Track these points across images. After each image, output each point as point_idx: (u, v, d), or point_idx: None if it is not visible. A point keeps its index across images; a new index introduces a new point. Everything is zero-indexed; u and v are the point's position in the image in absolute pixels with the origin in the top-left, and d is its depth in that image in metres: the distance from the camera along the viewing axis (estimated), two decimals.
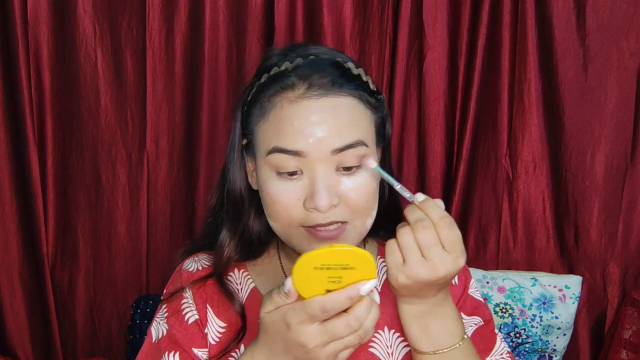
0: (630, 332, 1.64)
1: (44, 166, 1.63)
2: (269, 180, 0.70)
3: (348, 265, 0.55)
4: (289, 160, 0.68)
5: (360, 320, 0.57)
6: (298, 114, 0.68)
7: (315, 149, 0.67)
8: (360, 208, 0.70)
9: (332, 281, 0.56)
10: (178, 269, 0.83)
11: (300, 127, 0.67)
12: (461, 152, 1.68)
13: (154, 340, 0.78)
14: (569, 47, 1.65)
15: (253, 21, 1.64)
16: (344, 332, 0.57)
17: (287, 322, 0.57)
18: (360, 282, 0.56)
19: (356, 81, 0.72)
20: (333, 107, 0.69)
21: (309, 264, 0.55)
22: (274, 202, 0.70)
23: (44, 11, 1.57)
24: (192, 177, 1.70)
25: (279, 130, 0.69)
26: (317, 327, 0.57)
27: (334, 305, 0.56)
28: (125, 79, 1.64)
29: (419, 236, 0.62)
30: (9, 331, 1.66)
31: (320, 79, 0.69)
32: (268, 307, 0.59)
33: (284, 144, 0.68)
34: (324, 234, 0.69)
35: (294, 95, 0.69)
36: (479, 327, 0.82)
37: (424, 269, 0.62)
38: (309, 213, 0.69)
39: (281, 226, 0.72)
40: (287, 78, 0.70)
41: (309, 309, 0.56)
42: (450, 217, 0.63)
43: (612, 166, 1.70)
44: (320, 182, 0.67)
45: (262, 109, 0.71)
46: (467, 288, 0.85)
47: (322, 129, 0.67)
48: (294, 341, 0.57)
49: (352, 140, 0.68)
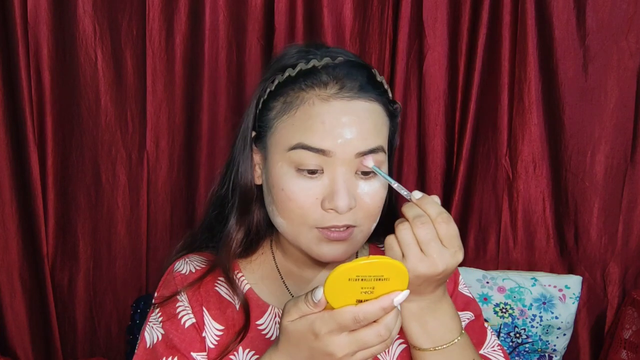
0: (630, 332, 1.64)
1: (44, 166, 1.63)
2: (285, 176, 0.70)
3: (383, 276, 0.55)
4: (312, 157, 0.68)
5: (390, 329, 0.57)
6: (330, 113, 0.68)
7: (342, 150, 0.67)
8: (372, 213, 0.71)
9: (364, 292, 0.56)
10: (169, 270, 0.81)
11: (330, 127, 0.67)
12: (461, 152, 1.68)
13: (149, 345, 0.76)
14: (569, 47, 1.66)
15: (253, 21, 1.64)
16: (374, 342, 0.57)
17: (315, 331, 0.57)
18: (394, 293, 0.56)
19: (380, 88, 0.73)
20: (362, 110, 0.69)
21: (345, 275, 0.55)
22: (289, 199, 0.70)
23: (44, 11, 1.56)
24: (192, 177, 1.70)
25: (306, 127, 0.68)
26: (346, 337, 0.57)
27: (367, 316, 0.56)
28: (126, 79, 1.64)
29: (418, 232, 0.62)
30: (9, 331, 1.66)
31: (352, 82, 0.69)
32: (293, 315, 0.58)
33: (311, 141, 0.68)
34: (336, 234, 0.69)
35: (326, 94, 0.69)
36: (470, 322, 0.83)
37: (424, 264, 0.62)
38: (325, 214, 0.69)
39: (292, 224, 0.71)
40: (319, 75, 0.70)
41: (341, 319, 0.56)
42: (448, 212, 0.64)
43: (612, 166, 1.71)
44: (342, 183, 0.68)
45: (286, 104, 0.71)
46: (457, 285, 0.86)
47: (351, 131, 0.68)
48: (322, 350, 0.57)
49: (375, 145, 0.69)
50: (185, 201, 1.71)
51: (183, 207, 1.71)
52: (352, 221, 0.70)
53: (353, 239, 0.72)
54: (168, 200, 1.70)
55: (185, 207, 1.71)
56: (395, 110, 0.75)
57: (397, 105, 0.76)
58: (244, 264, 0.82)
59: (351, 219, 0.69)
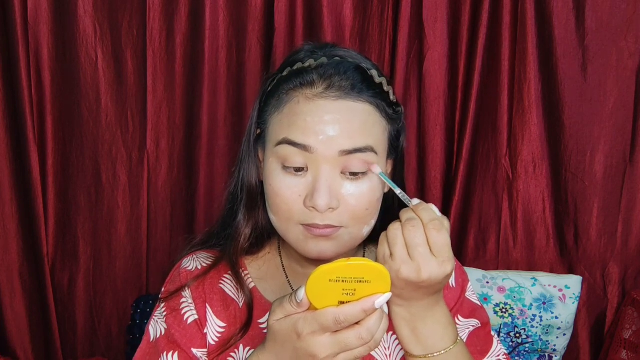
0: (630, 332, 1.64)
1: (44, 166, 1.63)
2: (274, 172, 0.71)
3: (364, 278, 0.56)
4: (297, 154, 0.68)
5: (372, 332, 0.57)
6: (313, 111, 0.68)
7: (324, 146, 0.67)
8: (358, 215, 0.70)
9: (346, 293, 0.56)
10: (177, 266, 0.82)
11: (313, 124, 0.68)
12: (461, 152, 1.68)
13: (152, 339, 0.77)
14: (568, 47, 1.66)
15: (253, 21, 1.64)
16: (356, 344, 0.57)
17: (298, 331, 0.57)
18: (375, 296, 0.56)
19: (376, 89, 0.72)
20: (349, 110, 0.69)
21: (325, 276, 0.55)
22: (276, 194, 0.70)
23: (44, 11, 1.57)
24: (192, 177, 1.70)
25: (291, 123, 0.69)
26: (328, 338, 0.57)
27: (348, 318, 0.56)
28: (126, 79, 1.64)
29: (407, 234, 0.62)
30: (9, 331, 1.66)
31: (341, 82, 0.70)
32: (278, 315, 0.59)
33: (294, 136, 0.68)
34: (319, 231, 0.70)
35: (311, 93, 0.69)
36: (476, 329, 0.82)
37: (407, 267, 0.62)
38: (308, 211, 0.69)
39: (280, 220, 0.72)
40: (308, 75, 0.70)
41: (322, 320, 0.56)
42: (444, 221, 0.63)
43: (611, 166, 1.71)
44: (323, 182, 0.68)
45: (278, 101, 0.72)
46: (465, 291, 0.85)
47: (334, 129, 0.68)
48: (304, 351, 0.57)
49: (362, 145, 0.69)
50: (185, 201, 1.71)
51: (183, 207, 1.71)
52: (337, 222, 0.70)
53: (339, 238, 0.71)
54: (168, 200, 1.70)
55: (185, 207, 1.71)
56: (396, 113, 0.75)
57: (400, 108, 0.76)
58: (249, 261, 0.82)
59: (335, 220, 0.69)
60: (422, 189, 1.74)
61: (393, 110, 0.74)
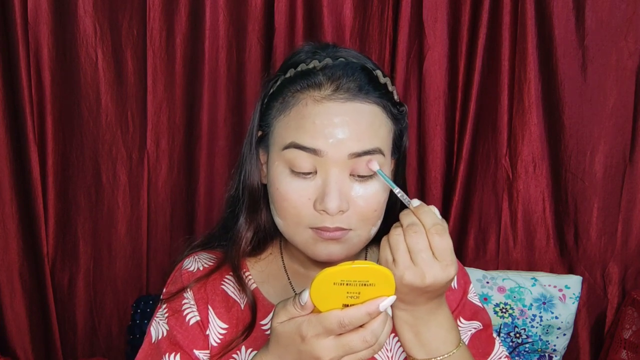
0: (630, 332, 1.64)
1: (44, 166, 1.63)
2: (281, 176, 0.70)
3: (368, 281, 0.56)
4: (305, 158, 0.68)
5: (376, 335, 0.57)
6: (322, 113, 0.68)
7: (334, 149, 0.67)
8: (367, 216, 0.70)
9: (350, 296, 0.56)
10: (178, 267, 0.82)
11: (321, 127, 0.67)
12: (461, 152, 1.68)
13: (154, 340, 0.77)
14: (568, 47, 1.66)
15: (253, 21, 1.64)
16: (360, 347, 0.57)
17: (302, 334, 0.57)
18: (380, 299, 0.56)
19: (382, 90, 0.72)
20: (356, 112, 0.68)
21: (329, 279, 0.55)
22: (284, 198, 0.70)
23: (44, 11, 1.56)
24: (192, 177, 1.70)
25: (299, 126, 0.68)
26: (332, 340, 0.57)
27: (352, 321, 0.56)
28: (126, 79, 1.64)
29: (409, 240, 0.62)
30: (9, 331, 1.66)
31: (348, 83, 0.69)
32: (281, 317, 0.59)
33: (303, 140, 0.68)
34: (329, 234, 0.69)
35: (320, 95, 0.69)
36: (477, 331, 0.82)
37: (410, 272, 0.61)
38: (318, 214, 0.69)
39: (287, 224, 0.72)
40: (315, 76, 0.70)
41: (326, 323, 0.56)
42: (444, 224, 0.63)
43: (611, 166, 1.71)
44: (333, 185, 0.67)
45: (284, 103, 0.71)
46: (467, 293, 0.85)
47: (344, 131, 0.67)
48: (309, 353, 0.57)
49: (370, 147, 0.68)
50: (185, 201, 1.71)
51: (183, 207, 1.71)
52: (346, 224, 0.69)
53: (349, 241, 0.71)
54: (168, 200, 1.70)
55: (185, 207, 1.71)
56: (400, 113, 0.75)
57: (404, 107, 0.76)
58: (252, 263, 0.82)
59: (344, 222, 0.69)
60: (422, 189, 1.74)
61: (397, 110, 0.74)
